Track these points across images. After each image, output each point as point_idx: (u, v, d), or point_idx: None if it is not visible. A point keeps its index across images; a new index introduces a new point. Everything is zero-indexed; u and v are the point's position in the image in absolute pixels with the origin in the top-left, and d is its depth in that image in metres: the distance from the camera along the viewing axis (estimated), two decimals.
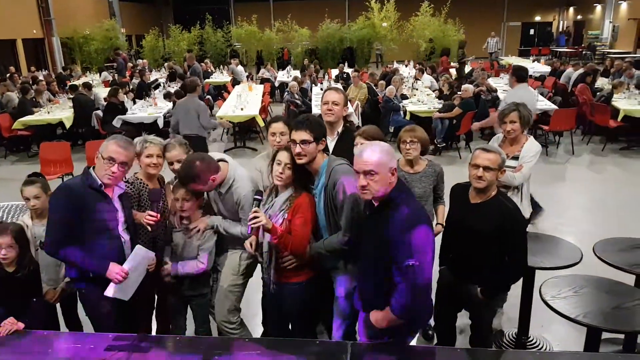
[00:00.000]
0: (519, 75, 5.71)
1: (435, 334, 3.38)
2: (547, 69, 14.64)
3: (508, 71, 14.52)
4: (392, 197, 2.21)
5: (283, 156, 2.61)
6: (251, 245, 2.75)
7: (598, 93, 9.56)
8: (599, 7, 24.97)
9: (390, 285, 2.22)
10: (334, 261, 2.71)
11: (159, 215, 2.78)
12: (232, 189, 2.84)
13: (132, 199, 2.98)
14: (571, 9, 28.70)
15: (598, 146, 8.80)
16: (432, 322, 3.34)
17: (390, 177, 2.20)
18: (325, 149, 3.03)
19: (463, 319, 3.03)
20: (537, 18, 29.38)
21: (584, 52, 23.66)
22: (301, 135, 2.51)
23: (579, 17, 28.03)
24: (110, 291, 2.59)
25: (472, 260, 2.68)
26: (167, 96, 9.97)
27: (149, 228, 2.78)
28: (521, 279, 3.10)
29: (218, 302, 3.05)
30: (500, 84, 11.49)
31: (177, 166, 3.03)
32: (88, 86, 10.38)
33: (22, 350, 2.37)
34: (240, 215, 2.87)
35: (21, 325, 2.51)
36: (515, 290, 3.19)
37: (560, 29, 29.39)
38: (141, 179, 3.08)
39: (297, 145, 2.52)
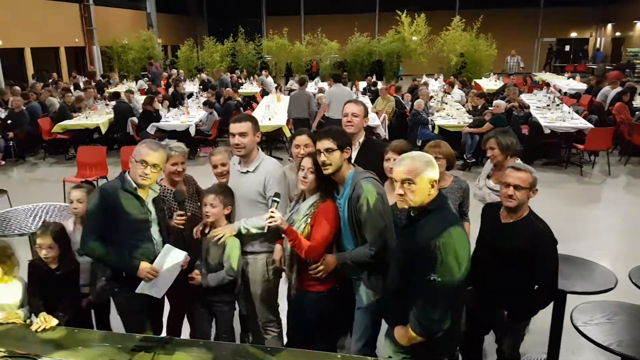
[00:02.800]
0: (334, 77, 8.90)
1: (460, 356, 3.30)
2: (583, 86, 14.28)
3: (542, 87, 14.27)
4: (429, 209, 2.20)
5: (306, 162, 2.72)
6: (280, 261, 2.87)
7: (637, 112, 9.27)
8: (639, 24, 24.31)
9: (414, 300, 2.19)
10: (357, 272, 2.72)
11: (184, 213, 2.89)
12: (261, 167, 2.96)
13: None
14: (609, 26, 28.02)
15: (636, 167, 8.51)
16: None
17: (429, 189, 2.18)
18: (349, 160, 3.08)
19: (489, 341, 2.96)
20: (573, 34, 28.80)
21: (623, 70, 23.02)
22: (325, 144, 2.58)
23: (617, 33, 27.32)
24: (142, 289, 2.69)
25: (500, 281, 2.62)
26: (206, 104, 10.16)
27: (181, 227, 2.88)
28: (552, 303, 3.01)
29: (257, 307, 3.14)
30: (533, 100, 11.27)
31: (221, 169, 3.13)
32: (131, 92, 10.77)
33: (53, 345, 2.44)
34: (268, 194, 2.90)
35: (55, 321, 2.59)
36: (545, 315, 3.10)
37: (597, 46, 28.71)
38: (165, 186, 3.18)
39: (322, 154, 2.58)
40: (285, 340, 3.33)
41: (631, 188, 7.67)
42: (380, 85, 14.13)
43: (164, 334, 3.29)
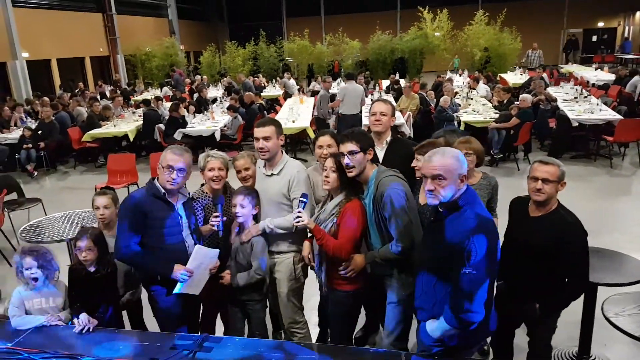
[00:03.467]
0: (347, 75, 9.46)
1: (491, 350, 3.30)
2: (612, 77, 13.92)
3: (569, 80, 13.97)
4: (459, 204, 2.22)
5: (328, 162, 2.78)
6: (309, 259, 2.93)
7: None
8: None
9: (447, 294, 2.21)
10: (387, 269, 2.76)
11: (221, 215, 2.95)
12: (285, 169, 3.04)
13: (199, 214, 3.14)
14: (638, 14, 27.17)
15: None
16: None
17: (459, 184, 2.20)
18: (375, 159, 3.11)
19: (522, 335, 2.95)
20: (600, 24, 28.02)
21: None
22: (347, 146, 2.63)
23: None
24: (178, 289, 2.77)
25: (531, 275, 2.62)
26: (230, 108, 10.30)
27: (215, 228, 2.95)
28: (582, 296, 2.99)
29: (282, 307, 3.18)
30: (560, 93, 11.05)
31: (244, 174, 3.21)
32: (159, 99, 11.02)
33: (95, 344, 2.55)
34: (292, 196, 2.98)
35: (95, 322, 2.71)
36: (576, 308, 3.07)
37: (626, 35, 27.86)
38: (207, 192, 3.24)
39: (346, 156, 2.62)
40: (316, 336, 3.40)
41: None
42: (403, 83, 14.07)
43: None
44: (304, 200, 2.75)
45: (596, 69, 16.70)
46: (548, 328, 2.81)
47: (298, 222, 2.68)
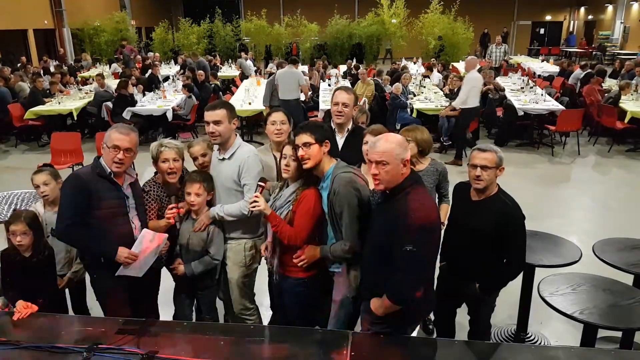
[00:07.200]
0: (291, 60, 9.20)
1: (435, 329, 3.44)
2: (556, 69, 14.56)
3: (517, 71, 14.49)
4: (402, 186, 2.30)
5: (288, 150, 2.69)
6: (266, 248, 2.89)
7: (606, 94, 9.53)
8: (610, 8, 24.78)
9: (389, 271, 2.29)
10: (337, 264, 2.73)
11: (177, 206, 2.88)
12: (236, 154, 2.96)
13: (152, 207, 3.03)
14: (582, 9, 28.48)
15: (604, 147, 8.80)
16: (432, 317, 3.43)
17: (401, 168, 2.28)
18: (335, 147, 3.09)
19: (464, 314, 3.10)
20: (548, 17, 29.20)
21: (594, 53, 23.52)
22: (302, 138, 2.57)
23: (589, 17, 27.82)
24: (121, 271, 2.68)
25: (471, 256, 2.74)
26: (185, 87, 9.97)
27: (172, 221, 2.88)
28: (521, 277, 3.16)
29: (233, 293, 3.14)
30: (508, 83, 11.46)
31: (201, 160, 3.13)
32: (102, 76, 10.55)
33: (36, 331, 2.45)
34: (242, 182, 2.92)
35: (35, 307, 2.59)
36: (515, 288, 3.24)
37: (571, 29, 29.20)
38: (159, 183, 3.11)
39: (300, 148, 2.58)
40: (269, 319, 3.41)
41: (599, 167, 7.94)
42: (361, 68, 14.14)
43: (167, 316, 3.28)
44: (262, 184, 2.71)
45: (542, 60, 17.40)
46: (488, 307, 2.96)
47: (254, 207, 2.64)
